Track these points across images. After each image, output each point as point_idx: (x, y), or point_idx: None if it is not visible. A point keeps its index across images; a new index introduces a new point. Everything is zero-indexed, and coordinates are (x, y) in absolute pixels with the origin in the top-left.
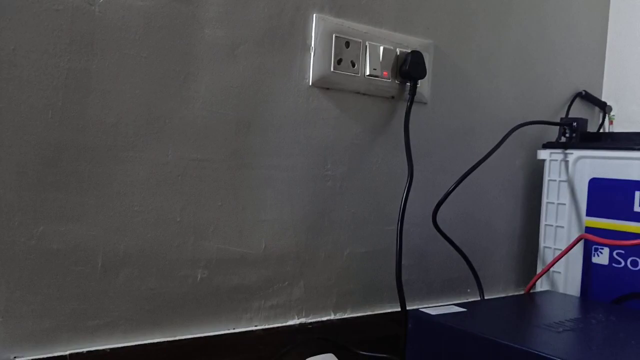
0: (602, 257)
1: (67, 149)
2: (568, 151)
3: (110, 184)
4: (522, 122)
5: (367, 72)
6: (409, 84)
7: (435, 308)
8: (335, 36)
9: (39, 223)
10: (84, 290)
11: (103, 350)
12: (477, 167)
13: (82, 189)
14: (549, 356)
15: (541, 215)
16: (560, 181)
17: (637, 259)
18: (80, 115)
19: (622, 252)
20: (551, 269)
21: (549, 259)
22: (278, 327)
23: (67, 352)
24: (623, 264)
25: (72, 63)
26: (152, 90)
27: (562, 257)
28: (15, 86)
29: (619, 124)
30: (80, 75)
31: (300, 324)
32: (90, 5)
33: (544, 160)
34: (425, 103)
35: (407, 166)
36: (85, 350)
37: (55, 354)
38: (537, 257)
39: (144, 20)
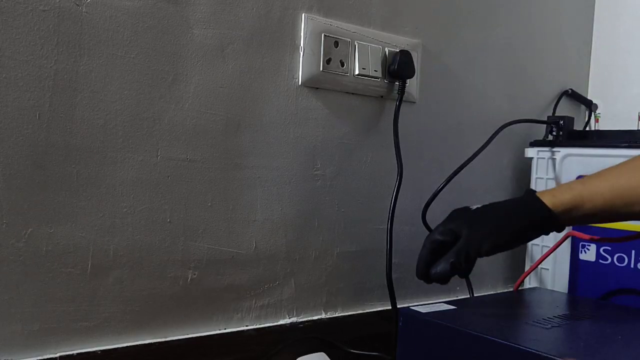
0: (589, 254)
1: (56, 150)
2: (555, 149)
3: (99, 185)
4: (509, 120)
5: (356, 72)
6: (397, 83)
7: (425, 306)
8: (325, 36)
9: (28, 225)
10: (74, 292)
11: (94, 352)
12: (466, 165)
13: (71, 190)
14: (538, 352)
15: None
16: (547, 179)
17: (624, 255)
18: (69, 117)
19: (609, 248)
20: (539, 266)
21: (537, 256)
22: (269, 327)
23: (57, 354)
24: (610, 260)
25: (59, 64)
26: (141, 90)
27: (550, 254)
28: (2, 88)
29: (605, 121)
30: (68, 77)
31: (292, 323)
32: (77, 5)
33: (531, 158)
34: (414, 102)
35: (396, 165)
36: (75, 352)
37: (46, 356)
38: (525, 254)
39: (132, 21)
